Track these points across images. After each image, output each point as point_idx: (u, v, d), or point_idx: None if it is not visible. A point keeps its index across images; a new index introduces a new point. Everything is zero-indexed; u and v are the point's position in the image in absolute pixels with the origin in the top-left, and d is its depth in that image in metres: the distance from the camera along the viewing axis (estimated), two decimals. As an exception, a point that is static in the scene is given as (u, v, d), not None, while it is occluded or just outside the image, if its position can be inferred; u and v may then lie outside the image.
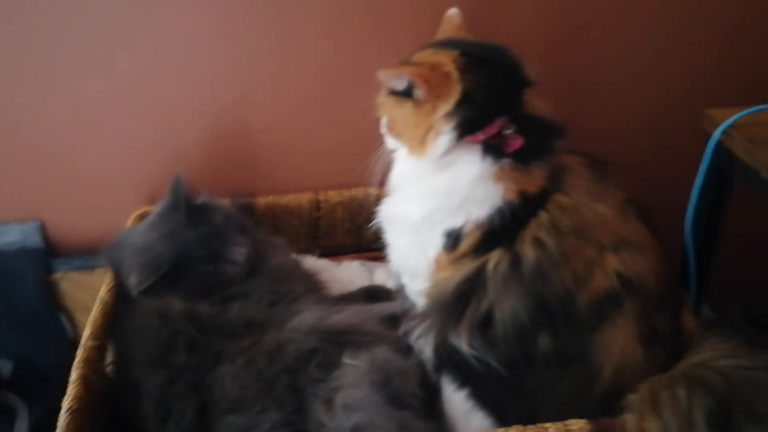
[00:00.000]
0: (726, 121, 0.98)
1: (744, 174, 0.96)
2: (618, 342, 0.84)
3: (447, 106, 0.85)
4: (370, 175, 0.96)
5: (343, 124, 1.21)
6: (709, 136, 1.01)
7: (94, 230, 1.20)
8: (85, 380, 0.81)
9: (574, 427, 0.78)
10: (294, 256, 1.15)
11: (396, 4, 1.14)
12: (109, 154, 1.19)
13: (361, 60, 1.14)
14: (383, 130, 0.96)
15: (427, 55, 0.90)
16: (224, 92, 1.18)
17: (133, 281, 0.92)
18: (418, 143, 0.88)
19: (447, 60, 0.87)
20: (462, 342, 0.86)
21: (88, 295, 1.09)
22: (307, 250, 1.26)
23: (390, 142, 0.96)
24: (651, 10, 1.20)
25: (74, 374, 0.81)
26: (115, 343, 0.92)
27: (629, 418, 0.79)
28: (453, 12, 0.98)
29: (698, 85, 1.25)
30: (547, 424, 0.78)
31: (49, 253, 1.20)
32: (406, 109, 0.88)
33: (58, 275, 1.18)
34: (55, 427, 0.76)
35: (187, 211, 0.97)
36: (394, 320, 0.99)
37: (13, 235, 1.19)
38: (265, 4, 1.12)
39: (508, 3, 1.16)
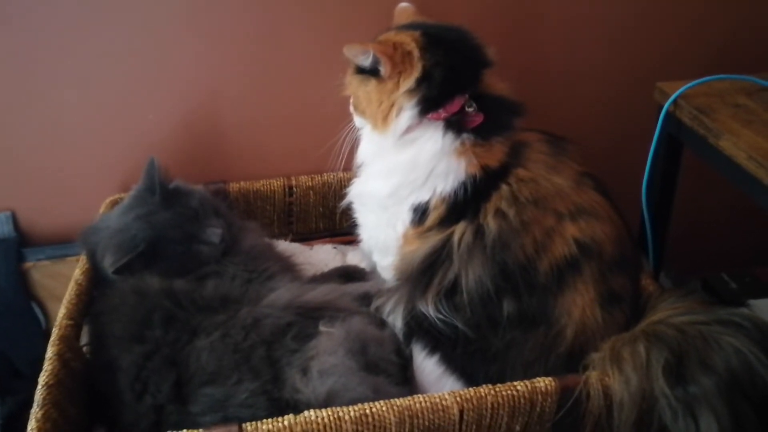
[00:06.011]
0: (675, 93, 1.04)
1: (693, 141, 1.01)
2: (578, 304, 0.87)
3: (408, 83, 0.88)
4: (338, 154, 0.98)
5: (310, 111, 1.23)
6: (660, 107, 1.06)
7: (65, 219, 1.19)
8: (61, 357, 0.81)
9: (540, 385, 0.80)
10: (267, 239, 1.15)
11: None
12: (80, 143, 1.18)
13: (323, 51, 1.16)
14: (351, 108, 0.99)
15: (390, 36, 0.93)
16: (196, 83, 1.18)
17: (108, 261, 0.92)
18: (382, 120, 0.91)
19: (408, 39, 0.90)
20: (429, 308, 0.89)
21: (60, 284, 1.08)
22: (281, 235, 1.26)
23: (356, 120, 0.98)
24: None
25: (50, 351, 0.81)
26: (90, 324, 0.92)
27: (592, 375, 0.83)
28: (404, 5, 1.01)
29: (650, 60, 1.30)
30: (516, 383, 0.80)
31: (20, 243, 1.18)
32: (370, 86, 0.91)
33: (29, 264, 1.17)
34: (28, 418, 0.75)
35: (162, 193, 0.98)
36: (368, 299, 1.00)
37: (-16, 225, 1.16)
38: (234, 5, 1.14)
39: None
